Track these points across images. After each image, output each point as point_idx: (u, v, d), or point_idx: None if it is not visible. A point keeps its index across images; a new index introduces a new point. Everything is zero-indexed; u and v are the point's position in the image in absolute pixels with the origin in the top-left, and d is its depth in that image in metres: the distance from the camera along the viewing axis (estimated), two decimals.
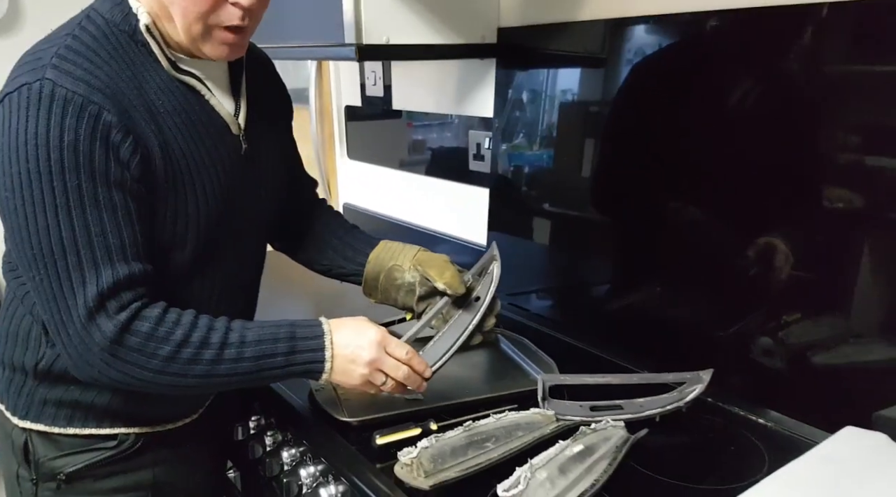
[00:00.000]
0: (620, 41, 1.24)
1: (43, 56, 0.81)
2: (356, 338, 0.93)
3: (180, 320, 0.86)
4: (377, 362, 0.93)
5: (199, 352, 0.86)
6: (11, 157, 0.79)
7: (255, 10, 0.86)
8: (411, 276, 1.06)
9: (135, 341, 0.84)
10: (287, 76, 2.18)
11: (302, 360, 0.91)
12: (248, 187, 0.98)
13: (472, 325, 1.00)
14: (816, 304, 1.01)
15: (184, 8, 0.82)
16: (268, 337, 0.89)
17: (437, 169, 1.76)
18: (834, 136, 0.96)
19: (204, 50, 0.87)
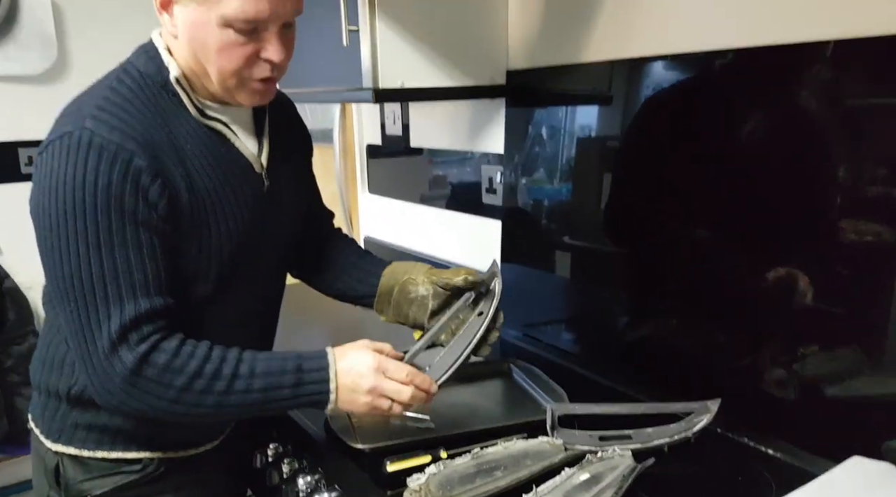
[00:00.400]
0: (625, 80, 1.28)
1: (83, 107, 0.89)
2: (355, 365, 0.95)
3: (195, 352, 0.91)
4: (378, 389, 0.95)
5: (212, 383, 0.90)
6: (51, 198, 0.86)
7: (283, 64, 0.93)
8: (425, 290, 1.09)
9: (152, 372, 0.88)
10: (314, 118, 2.29)
11: (308, 392, 0.94)
12: (268, 222, 1.03)
13: (476, 338, 1.03)
14: (834, 337, 1.00)
15: (220, 66, 0.90)
16: (276, 369, 0.93)
17: (454, 202, 1.81)
18: (850, 170, 0.97)
19: (238, 99, 0.94)
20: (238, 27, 0.87)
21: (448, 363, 1.01)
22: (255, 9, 0.85)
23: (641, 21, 1.23)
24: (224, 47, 0.88)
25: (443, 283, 1.08)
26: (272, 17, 0.87)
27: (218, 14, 0.86)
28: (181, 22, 0.89)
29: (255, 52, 0.90)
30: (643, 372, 1.28)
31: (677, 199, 1.21)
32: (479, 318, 1.05)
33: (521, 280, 1.58)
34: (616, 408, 1.12)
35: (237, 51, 0.88)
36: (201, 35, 0.88)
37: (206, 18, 0.86)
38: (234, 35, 0.87)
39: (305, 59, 1.50)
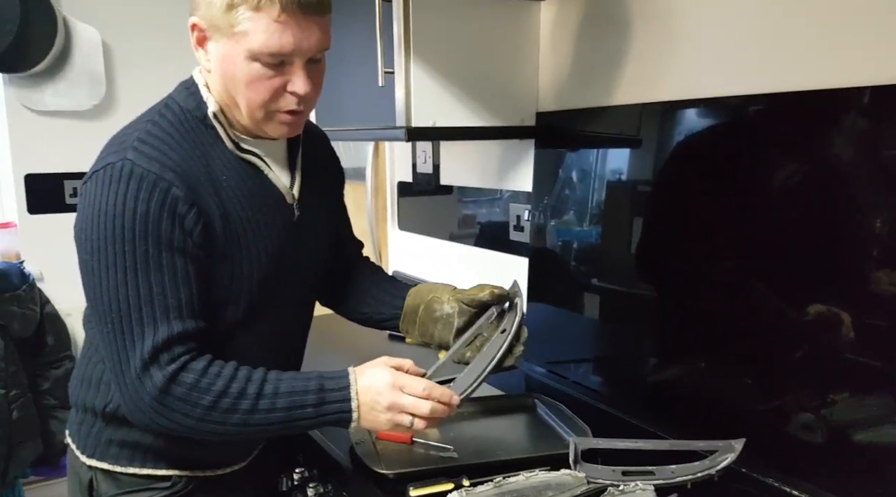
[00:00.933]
0: (655, 124, 1.31)
1: (126, 139, 0.95)
2: (373, 383, 0.97)
3: (222, 373, 0.94)
4: (396, 405, 0.96)
5: (237, 402, 0.93)
6: (93, 224, 0.92)
7: (309, 97, 0.97)
8: (450, 307, 1.11)
9: (180, 391, 0.92)
10: (348, 156, 2.37)
11: (331, 411, 0.96)
12: (298, 251, 1.07)
13: (500, 353, 1.04)
14: (866, 385, 1.00)
15: (248, 99, 0.95)
16: (299, 389, 0.96)
17: (482, 240, 1.85)
18: (887, 220, 0.96)
19: (267, 130, 0.99)
20: (264, 61, 0.91)
21: (472, 378, 1.02)
22: (280, 43, 0.90)
23: (671, 64, 1.27)
24: (252, 80, 0.93)
25: (468, 300, 1.11)
26: (296, 51, 0.92)
27: (245, 48, 0.91)
28: (214, 57, 0.95)
29: (282, 86, 0.94)
30: (669, 412, 1.27)
31: (709, 244, 1.22)
32: (503, 335, 1.07)
33: (548, 318, 1.59)
34: (640, 443, 1.12)
35: (264, 84, 0.93)
36: (231, 69, 0.93)
37: (235, 52, 0.92)
38: (261, 68, 0.92)
39: (343, 98, 1.58)
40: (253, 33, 0.90)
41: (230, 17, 0.90)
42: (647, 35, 1.32)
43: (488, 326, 1.10)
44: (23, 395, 2.10)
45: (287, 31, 0.90)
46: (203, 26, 0.94)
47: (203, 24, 0.94)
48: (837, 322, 1.03)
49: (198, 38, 0.96)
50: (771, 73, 1.11)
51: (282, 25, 0.89)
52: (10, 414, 2.05)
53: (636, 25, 1.34)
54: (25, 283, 2.17)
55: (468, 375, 1.03)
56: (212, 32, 0.93)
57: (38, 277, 2.30)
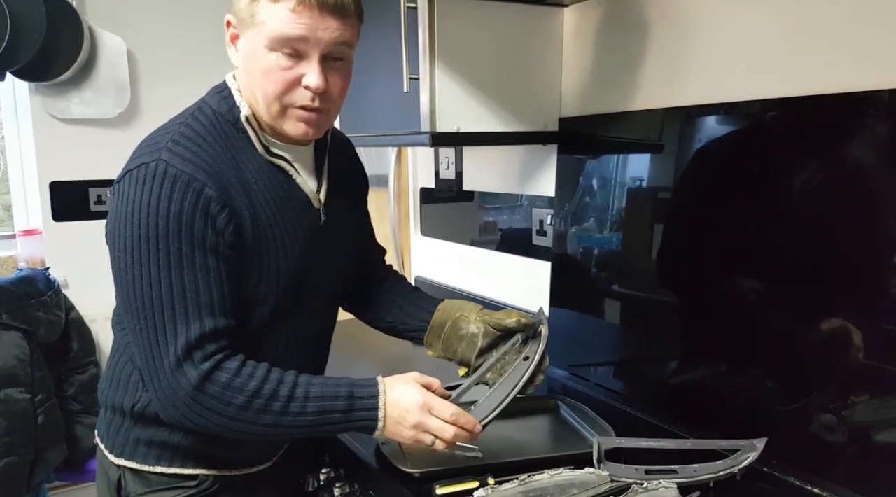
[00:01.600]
0: (676, 128, 1.33)
1: (160, 140, 0.97)
2: (404, 399, 0.99)
3: (255, 373, 0.96)
4: (422, 425, 0.99)
5: (269, 403, 0.95)
6: (127, 222, 0.94)
7: (328, 94, 0.97)
8: (476, 327, 1.13)
9: (214, 389, 0.94)
10: (371, 163, 2.39)
11: (358, 418, 0.99)
12: (324, 254, 1.09)
13: (522, 381, 1.06)
14: (886, 388, 1.01)
15: (264, 90, 0.97)
16: (330, 394, 0.98)
17: (504, 244, 1.87)
18: None
19: (285, 128, 1.00)
20: (280, 50, 0.94)
21: (493, 404, 1.04)
22: (290, 27, 0.92)
23: (692, 69, 1.29)
24: (268, 70, 0.95)
25: (494, 324, 1.12)
26: (307, 37, 0.93)
27: (263, 36, 0.93)
28: (242, 52, 0.98)
29: (297, 79, 0.96)
30: (691, 412, 1.28)
31: (729, 249, 1.23)
32: (525, 363, 1.09)
33: (570, 322, 1.60)
34: (662, 443, 1.13)
35: (279, 74, 0.95)
36: (252, 61, 0.96)
37: (256, 44, 0.95)
38: (277, 59, 0.94)
39: (368, 104, 1.60)
40: (269, 22, 0.93)
41: (252, 8, 0.94)
42: (667, 40, 1.34)
43: (512, 351, 1.13)
44: (48, 400, 2.13)
45: (301, 19, 0.92)
46: (234, 23, 0.97)
47: (234, 21, 0.97)
48: (858, 326, 1.03)
49: (231, 36, 0.99)
50: (792, 76, 1.12)
51: (295, 14, 0.92)
52: (36, 419, 2.08)
53: (657, 30, 1.35)
54: (51, 290, 2.20)
55: (489, 401, 1.05)
56: (240, 28, 0.97)
57: (64, 284, 2.33)
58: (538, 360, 1.08)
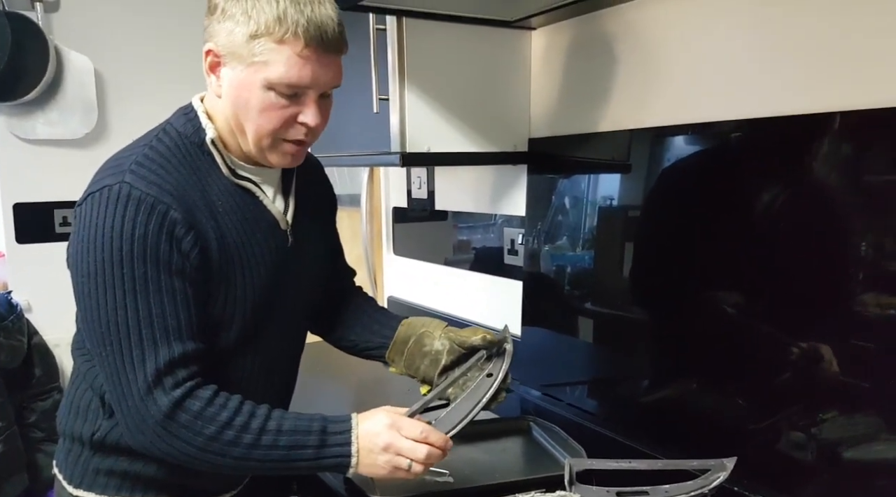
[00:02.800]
0: (644, 149, 1.34)
1: (123, 162, 0.95)
2: (371, 425, 0.98)
3: (227, 404, 0.94)
4: (393, 447, 0.96)
5: (240, 435, 0.93)
6: (90, 246, 0.91)
7: (318, 129, 0.99)
8: (440, 344, 1.12)
9: (185, 418, 0.92)
10: (343, 183, 2.38)
11: (331, 454, 0.96)
12: (292, 276, 1.08)
13: (486, 398, 1.05)
14: (855, 405, 1.02)
15: (258, 125, 0.96)
16: (302, 428, 0.96)
17: (477, 264, 1.87)
18: (872, 243, 0.99)
19: (270, 159, 1.00)
20: (280, 91, 0.93)
21: (456, 419, 1.03)
22: (299, 75, 0.92)
23: (658, 91, 1.31)
24: (265, 108, 0.94)
25: (460, 341, 1.11)
26: (313, 84, 0.94)
27: (263, 77, 0.92)
28: (227, 82, 0.96)
29: (293, 116, 0.96)
30: (662, 432, 1.28)
31: (699, 268, 1.24)
32: (488, 380, 1.07)
33: (542, 341, 1.60)
34: (633, 464, 1.13)
35: (277, 113, 0.95)
36: (245, 95, 0.95)
37: (252, 80, 0.93)
38: (275, 98, 0.94)
39: (338, 124, 1.60)
40: (273, 64, 0.91)
41: (251, 47, 0.91)
42: (633, 62, 1.36)
43: (475, 368, 1.11)
44: (8, 428, 2.06)
45: (308, 65, 0.92)
46: (219, 53, 0.95)
47: (219, 51, 0.95)
48: (825, 343, 1.04)
49: (211, 64, 0.97)
50: (754, 99, 1.15)
51: (303, 60, 0.91)
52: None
53: (623, 53, 1.38)
54: (13, 314, 2.15)
55: (452, 415, 1.04)
56: (228, 59, 0.95)
57: (26, 308, 2.28)
58: (502, 378, 1.07)
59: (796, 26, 1.09)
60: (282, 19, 0.90)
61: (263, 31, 0.90)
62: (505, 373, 1.08)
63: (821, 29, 1.06)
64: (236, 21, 0.92)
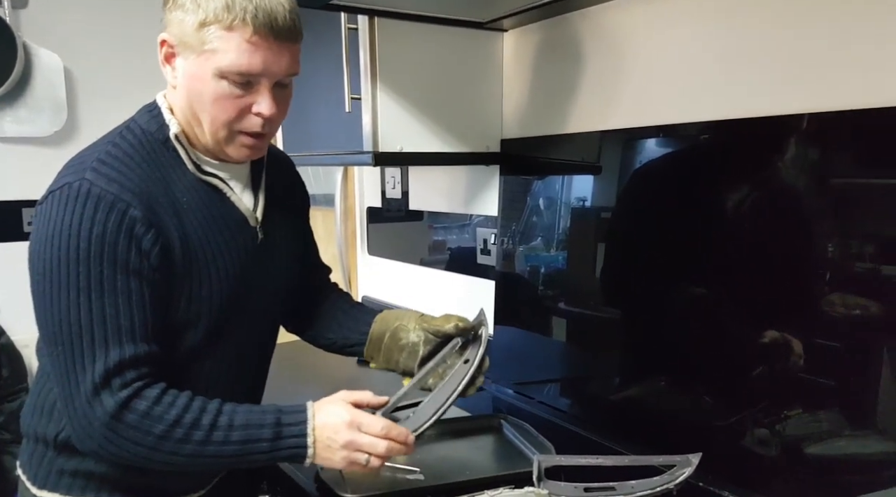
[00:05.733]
0: (613, 150, 1.36)
1: (86, 160, 0.94)
2: (331, 420, 0.96)
3: (175, 402, 0.92)
4: (353, 444, 0.95)
5: (190, 432, 0.91)
6: (47, 245, 0.90)
7: (273, 120, 0.97)
8: (416, 336, 1.12)
9: (132, 418, 0.90)
10: (317, 183, 2.37)
11: (286, 445, 0.95)
12: (262, 274, 1.07)
13: (462, 384, 1.06)
14: (818, 402, 1.04)
15: (213, 116, 0.95)
16: (255, 422, 0.94)
17: (450, 263, 1.88)
18: (837, 243, 1.01)
19: (227, 151, 0.99)
20: (232, 79, 0.92)
21: (430, 412, 1.03)
22: (249, 62, 0.91)
23: (627, 93, 1.32)
24: (218, 98, 0.93)
25: (434, 331, 1.12)
26: (265, 72, 0.93)
27: (214, 65, 0.91)
28: (181, 73, 0.95)
29: (248, 106, 0.95)
30: (631, 429, 1.30)
31: (667, 267, 1.26)
32: (465, 366, 1.08)
33: (514, 340, 1.61)
34: (601, 460, 1.14)
35: (230, 102, 0.93)
36: (198, 86, 0.94)
37: (203, 70, 0.92)
38: (228, 87, 0.92)
39: (310, 124, 1.60)
40: (223, 52, 0.90)
41: (201, 35, 0.91)
42: (603, 65, 1.37)
43: (452, 355, 1.12)
44: None
45: (257, 52, 0.91)
46: (172, 43, 0.94)
47: (172, 41, 0.94)
48: (791, 342, 1.07)
49: (166, 55, 0.96)
50: (721, 101, 1.16)
51: (252, 46, 0.90)
52: None
53: (592, 56, 1.39)
54: None
55: (425, 409, 1.05)
56: (181, 49, 0.94)
57: None
58: (478, 363, 1.08)
59: (761, 31, 1.11)
60: (230, 6, 0.89)
61: (212, 19, 0.89)
62: (481, 357, 1.09)
63: (785, 33, 1.08)
64: (186, 10, 0.91)
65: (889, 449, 0.96)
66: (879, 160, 0.98)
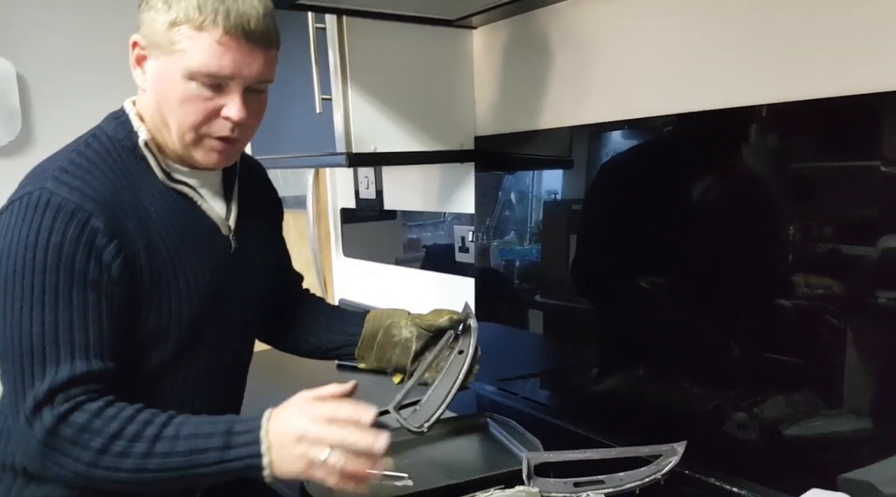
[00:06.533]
0: (584, 145, 1.37)
1: (47, 169, 0.91)
2: (282, 414, 0.88)
3: (119, 414, 0.87)
4: (305, 436, 0.85)
5: (131, 445, 0.85)
6: (3, 256, 0.87)
7: (245, 124, 0.95)
8: (409, 332, 1.13)
9: (69, 432, 0.85)
10: (287, 184, 2.34)
11: (237, 456, 0.86)
12: (235, 283, 1.05)
13: (461, 375, 1.08)
14: (791, 383, 1.06)
15: (180, 118, 0.92)
16: (204, 431, 0.87)
17: (428, 263, 1.87)
18: (799, 226, 1.03)
19: (195, 156, 0.96)
20: (201, 81, 0.90)
21: (435, 404, 1.05)
22: (218, 64, 0.89)
23: (596, 89, 1.33)
24: (186, 99, 0.91)
25: (426, 326, 1.13)
26: (234, 74, 0.90)
27: (183, 66, 0.89)
28: (150, 75, 0.93)
29: (217, 109, 0.92)
30: (615, 420, 1.31)
31: (638, 257, 1.28)
32: (460, 356, 1.11)
33: (496, 337, 1.61)
34: (588, 453, 1.15)
35: (199, 104, 0.91)
36: (166, 87, 0.91)
37: (172, 70, 0.90)
38: (197, 89, 0.90)
39: (280, 125, 1.57)
40: (192, 52, 0.88)
41: (171, 35, 0.89)
42: (571, 60, 1.38)
43: (445, 348, 1.15)
44: None
45: (228, 54, 0.89)
46: (143, 44, 0.92)
47: (143, 42, 0.92)
48: (762, 325, 1.09)
49: (137, 57, 0.94)
50: (686, 94, 1.18)
51: (223, 48, 0.88)
52: None
53: (561, 51, 1.39)
54: None
55: (432, 400, 1.06)
56: (151, 50, 0.92)
57: None
58: (472, 352, 1.11)
59: (723, 25, 1.13)
60: (201, 7, 0.87)
61: (183, 19, 0.88)
62: (475, 347, 1.12)
63: (746, 27, 1.10)
64: (157, 10, 0.89)
65: (861, 426, 0.98)
66: (836, 145, 1.00)
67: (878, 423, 0.97)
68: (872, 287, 0.96)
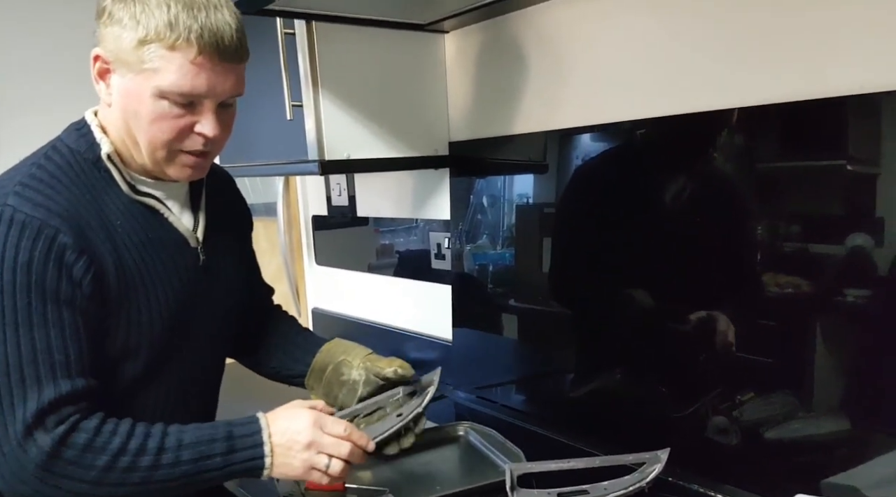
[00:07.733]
0: (557, 149, 1.36)
1: (7, 184, 0.87)
2: (291, 423, 0.94)
3: (117, 430, 0.87)
4: (316, 444, 0.93)
5: (137, 459, 0.86)
6: None
7: (217, 139, 0.93)
8: (357, 374, 1.09)
9: (71, 454, 0.84)
10: (255, 192, 2.29)
11: (241, 459, 0.91)
12: (205, 296, 1.02)
13: (384, 435, 1.02)
14: (767, 384, 1.06)
15: (151, 136, 0.89)
16: (205, 438, 0.90)
17: (403, 270, 1.84)
18: (767, 227, 1.04)
19: (168, 172, 0.93)
20: (173, 100, 0.87)
21: (385, 427, 1.01)
22: (192, 84, 0.86)
23: (568, 93, 1.33)
24: (157, 118, 0.88)
25: (375, 372, 1.08)
26: (209, 93, 0.88)
27: (154, 85, 0.86)
28: (116, 91, 0.90)
29: (189, 126, 0.90)
30: (594, 426, 1.30)
31: (612, 261, 1.27)
32: (395, 420, 1.04)
33: (472, 344, 1.60)
34: (572, 463, 1.14)
35: (171, 122, 0.89)
36: (135, 105, 0.88)
37: (142, 89, 0.87)
38: (168, 107, 0.87)
39: (250, 133, 1.54)
40: (165, 72, 0.85)
41: (140, 54, 0.85)
42: (543, 65, 1.37)
43: (391, 403, 1.08)
44: None
45: (202, 73, 0.86)
46: (108, 59, 0.88)
47: (108, 57, 0.88)
48: (734, 325, 1.09)
49: (99, 71, 0.90)
50: (656, 98, 1.19)
51: (197, 68, 0.86)
52: None
53: (533, 56, 1.39)
54: None
55: (382, 423, 1.02)
56: (117, 66, 0.88)
57: None
58: (410, 419, 1.04)
59: (692, 31, 1.13)
60: (173, 24, 0.84)
61: (153, 37, 0.84)
62: (416, 414, 1.05)
63: (715, 33, 1.10)
64: (123, 26, 0.85)
65: (839, 428, 0.99)
66: (804, 147, 1.01)
67: (855, 424, 0.97)
68: (841, 285, 0.97)
